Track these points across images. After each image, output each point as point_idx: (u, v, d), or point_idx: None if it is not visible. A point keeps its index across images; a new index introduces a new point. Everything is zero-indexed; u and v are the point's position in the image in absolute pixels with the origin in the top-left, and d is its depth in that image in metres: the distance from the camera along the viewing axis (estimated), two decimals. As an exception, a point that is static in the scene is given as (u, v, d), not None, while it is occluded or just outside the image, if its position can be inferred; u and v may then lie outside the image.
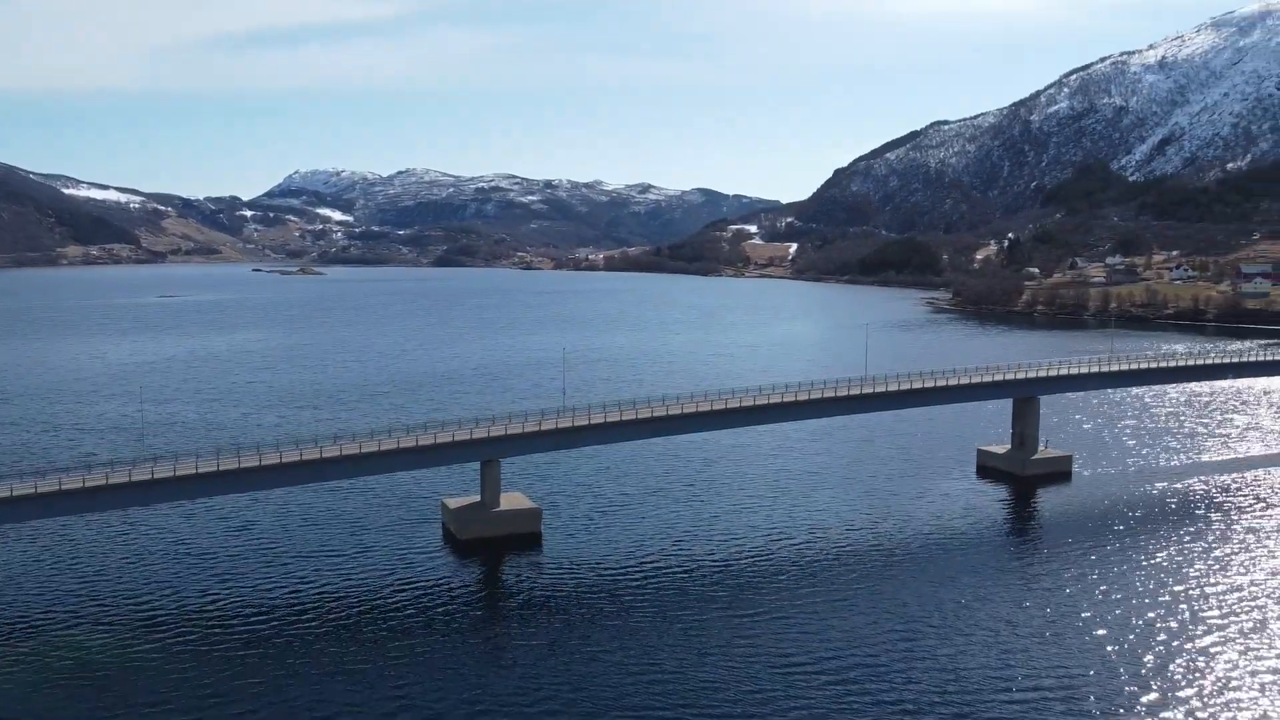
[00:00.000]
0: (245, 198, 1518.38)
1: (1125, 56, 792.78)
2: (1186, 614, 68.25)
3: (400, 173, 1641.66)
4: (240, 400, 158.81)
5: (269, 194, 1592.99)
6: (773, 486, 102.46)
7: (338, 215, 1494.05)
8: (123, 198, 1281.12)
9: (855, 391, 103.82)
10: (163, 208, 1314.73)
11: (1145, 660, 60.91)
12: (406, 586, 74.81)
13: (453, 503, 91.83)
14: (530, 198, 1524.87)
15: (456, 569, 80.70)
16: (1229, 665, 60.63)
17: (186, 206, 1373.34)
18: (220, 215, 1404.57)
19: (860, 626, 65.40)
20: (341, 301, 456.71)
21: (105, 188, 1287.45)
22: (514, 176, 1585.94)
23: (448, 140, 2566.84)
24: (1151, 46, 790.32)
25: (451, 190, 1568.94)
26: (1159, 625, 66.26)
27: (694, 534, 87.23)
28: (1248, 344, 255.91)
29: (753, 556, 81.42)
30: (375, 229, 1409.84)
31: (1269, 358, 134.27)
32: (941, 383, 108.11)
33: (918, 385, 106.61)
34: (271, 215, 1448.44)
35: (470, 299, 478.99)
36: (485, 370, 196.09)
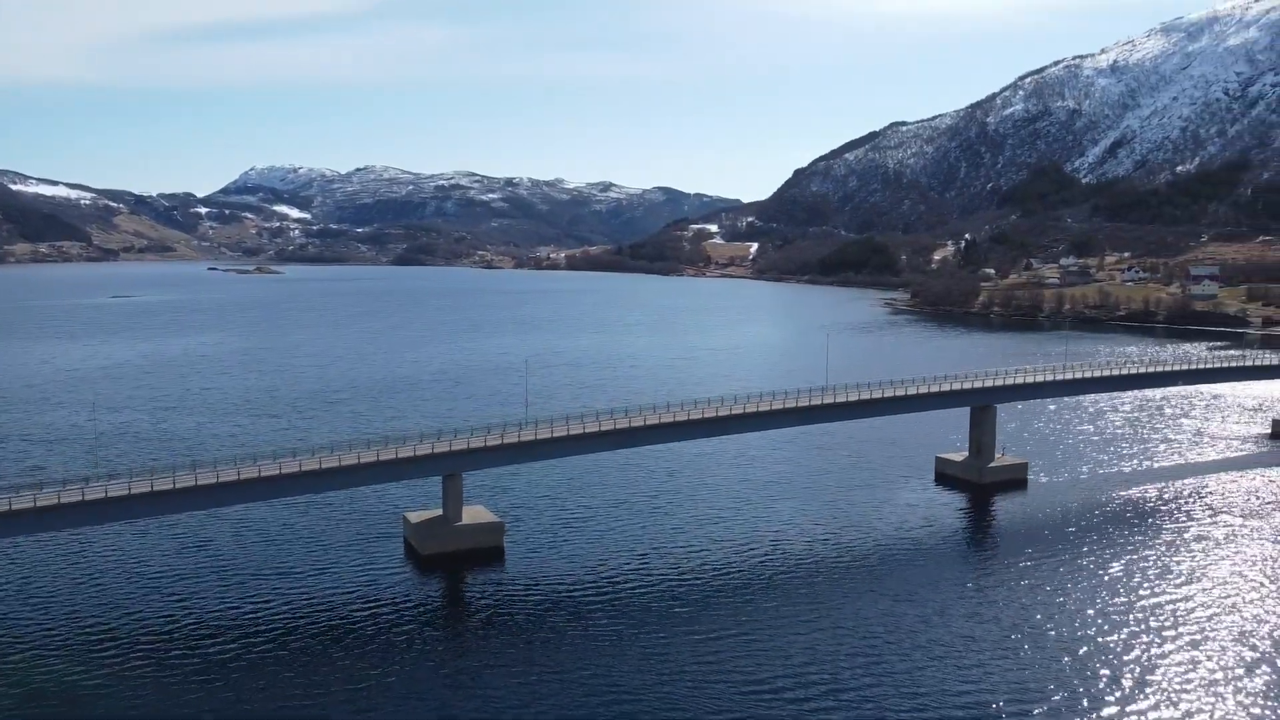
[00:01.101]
0: (200, 194, 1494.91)
1: (1078, 60, 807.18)
2: (1140, 625, 69.71)
3: (359, 170, 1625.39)
4: (196, 408, 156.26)
5: (225, 191, 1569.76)
6: (735, 497, 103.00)
7: (295, 213, 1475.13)
8: (73, 194, 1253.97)
9: (816, 402, 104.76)
10: (115, 204, 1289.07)
11: (1100, 674, 62.13)
12: (367, 605, 74.14)
13: (414, 517, 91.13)
14: (491, 196, 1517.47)
15: (418, 586, 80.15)
16: (1182, 675, 62.03)
17: (139, 203, 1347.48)
18: (174, 212, 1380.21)
19: (822, 643, 65.96)
20: (299, 302, 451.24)
21: (55, 184, 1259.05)
22: (474, 174, 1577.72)
23: (407, 137, 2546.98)
24: (1103, 50, 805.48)
25: (411, 188, 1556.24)
26: (1113, 638, 67.60)
27: (657, 547, 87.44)
28: (1196, 346, 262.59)
29: (716, 570, 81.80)
30: (334, 227, 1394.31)
31: (1216, 365, 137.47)
32: (900, 392, 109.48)
33: (877, 395, 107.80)
34: (227, 212, 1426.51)
35: (431, 300, 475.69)
36: (446, 375, 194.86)
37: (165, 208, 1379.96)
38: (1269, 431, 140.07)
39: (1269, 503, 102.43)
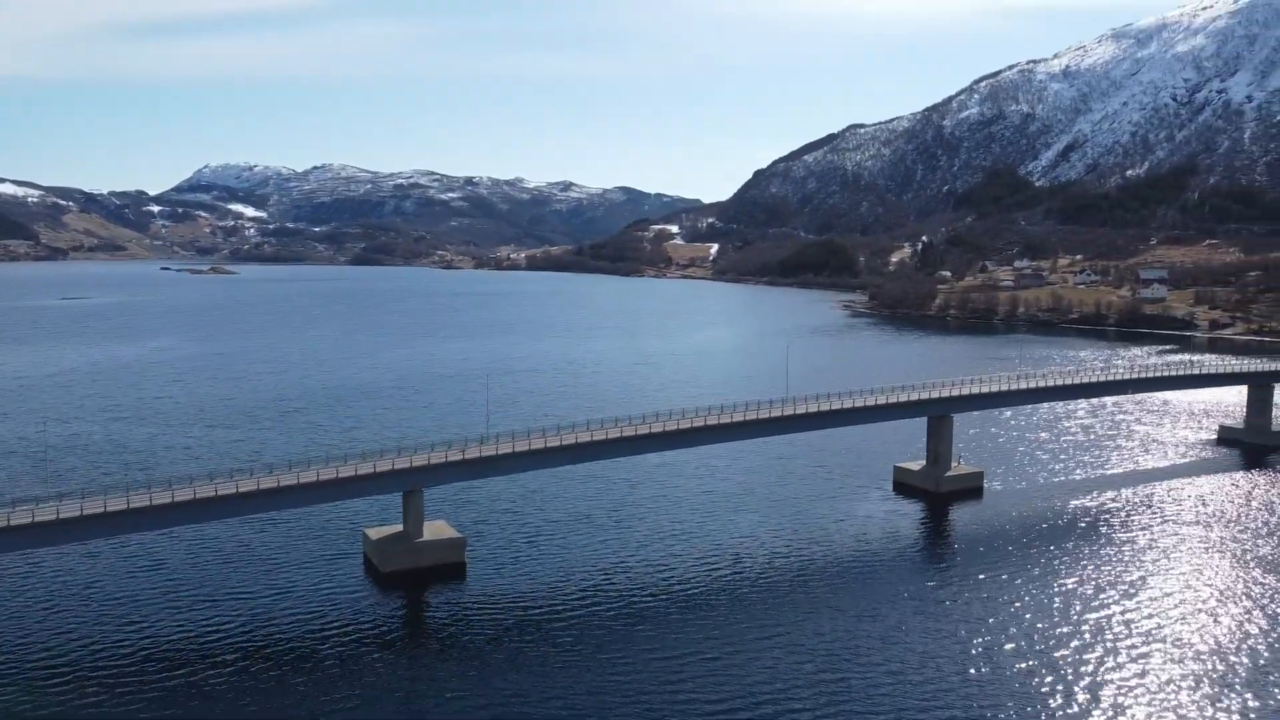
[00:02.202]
0: (153, 192, 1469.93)
1: (1032, 64, 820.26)
2: (1094, 638, 71.14)
3: (316, 168, 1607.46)
4: (149, 418, 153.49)
5: (178, 189, 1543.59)
6: (697, 509, 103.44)
7: (250, 211, 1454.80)
8: (19, 191, 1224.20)
9: (777, 414, 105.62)
10: (63, 202, 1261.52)
11: (1055, 690, 63.33)
12: (326, 626, 73.42)
13: (374, 533, 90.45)
14: (450, 195, 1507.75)
15: (378, 605, 79.46)
16: (1135, 688, 63.42)
17: (89, 201, 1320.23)
18: (126, 210, 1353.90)
19: (783, 663, 66.50)
20: (255, 305, 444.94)
21: (0, 181, 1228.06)
22: (433, 173, 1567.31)
23: (365, 135, 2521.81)
24: (1056, 55, 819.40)
25: (369, 186, 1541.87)
26: (1068, 652, 68.93)
27: (619, 562, 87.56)
28: (1145, 349, 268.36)
29: (678, 587, 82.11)
30: (290, 226, 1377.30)
31: (1164, 374, 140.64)
32: (860, 403, 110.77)
33: (837, 406, 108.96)
34: (180, 211, 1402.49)
35: (390, 302, 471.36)
36: (406, 383, 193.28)
37: (116, 206, 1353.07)
38: (1215, 437, 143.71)
39: (1215, 510, 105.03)
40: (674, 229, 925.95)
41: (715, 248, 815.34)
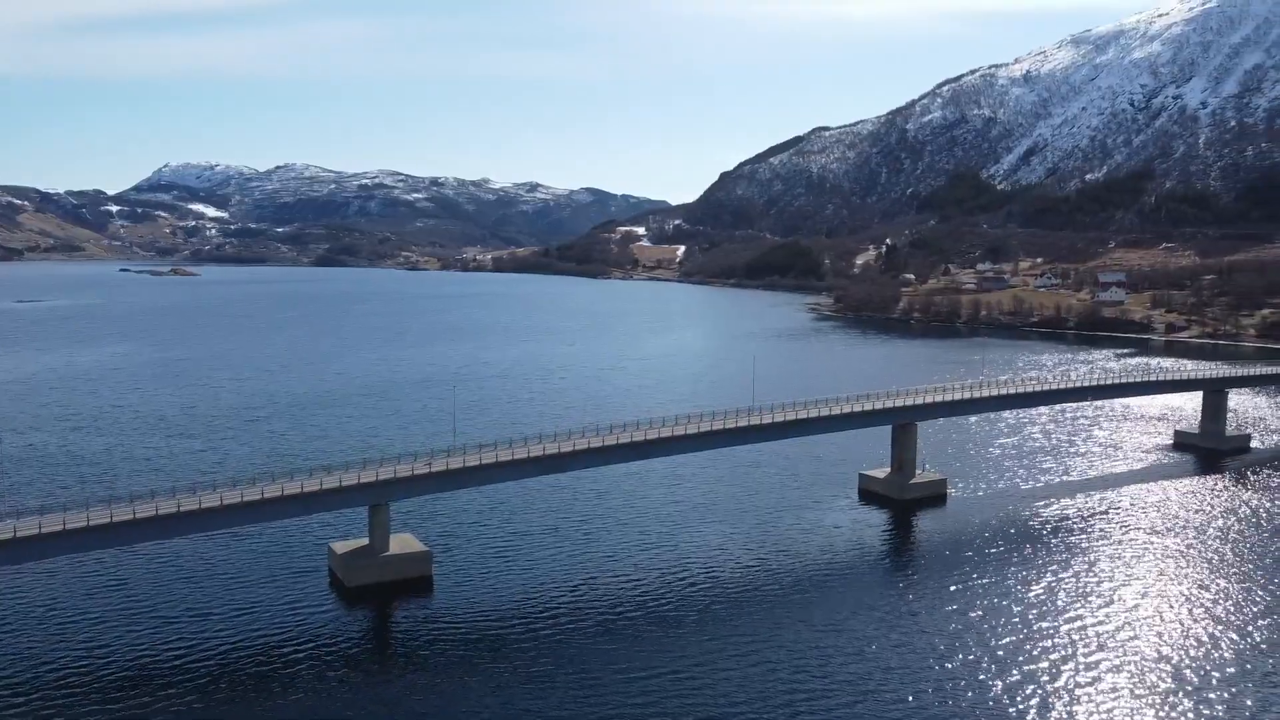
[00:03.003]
0: (111, 191, 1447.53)
1: (993, 69, 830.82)
2: (1056, 648, 72.26)
3: (279, 167, 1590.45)
4: (108, 428, 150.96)
5: (137, 188, 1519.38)
6: (665, 520, 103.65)
7: (212, 211, 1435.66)
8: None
9: (744, 423, 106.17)
10: (18, 201, 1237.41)
11: (1020, 701, 64.27)
12: (291, 644, 72.67)
13: (339, 547, 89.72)
14: (416, 195, 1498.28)
15: (343, 621, 78.81)
16: (1099, 696, 64.53)
17: (45, 200, 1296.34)
18: (83, 210, 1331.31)
19: (753, 680, 66.73)
20: (217, 308, 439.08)
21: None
22: (398, 173, 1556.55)
23: (329, 135, 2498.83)
24: (1017, 60, 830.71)
25: (333, 186, 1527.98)
26: (1031, 663, 69.99)
27: (587, 575, 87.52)
28: (1104, 353, 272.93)
29: (646, 601, 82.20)
30: (252, 226, 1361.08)
31: (1121, 381, 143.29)
32: (825, 412, 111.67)
33: (803, 415, 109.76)
34: (140, 211, 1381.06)
35: (355, 305, 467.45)
36: (371, 390, 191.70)
37: (73, 205, 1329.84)
38: (1171, 442, 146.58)
39: (1173, 516, 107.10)
40: (641, 230, 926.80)
41: (682, 249, 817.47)
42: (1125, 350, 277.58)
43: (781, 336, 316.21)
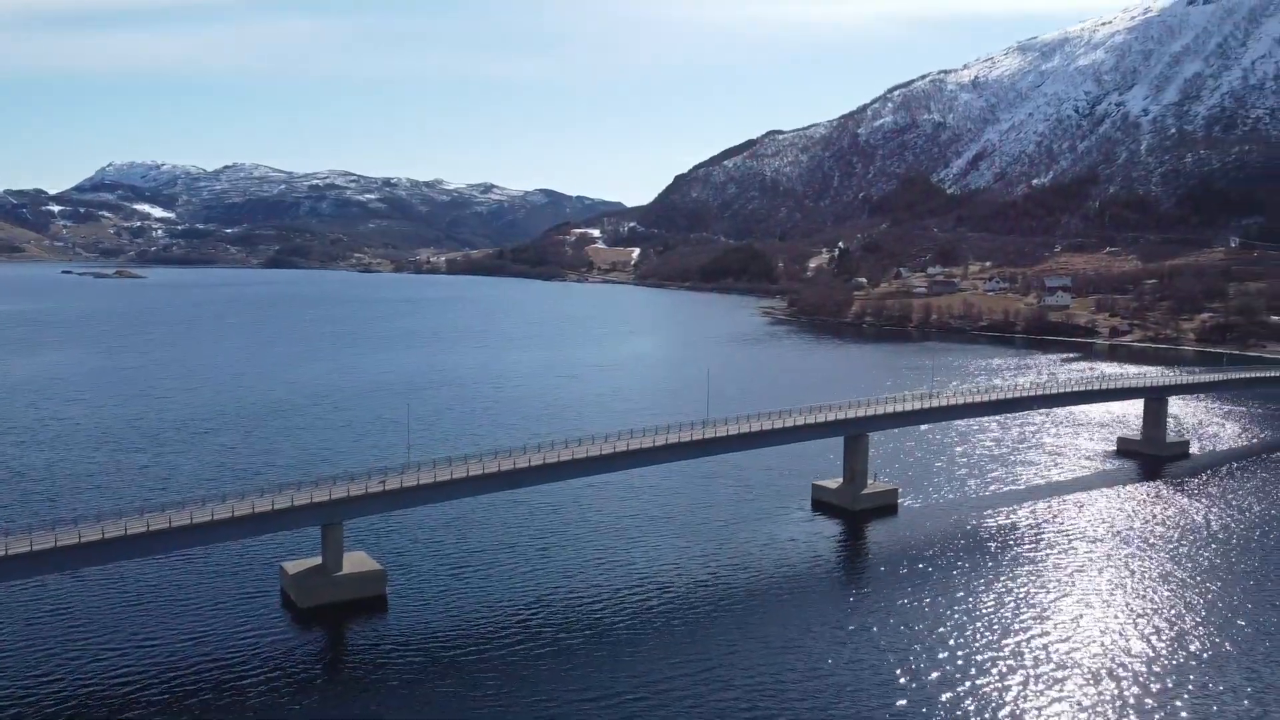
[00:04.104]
0: (53, 191, 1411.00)
1: (943, 75, 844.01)
2: (1005, 661, 73.85)
3: (227, 167, 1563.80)
4: (49, 442, 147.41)
5: (79, 188, 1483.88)
6: (621, 535, 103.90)
7: (158, 212, 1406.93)
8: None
9: (699, 436, 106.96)
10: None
11: (966, 716, 65.63)
12: (243, 667, 71.69)
13: (292, 567, 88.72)
14: (368, 196, 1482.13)
15: (297, 643, 77.93)
16: (1043, 705, 66.11)
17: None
18: (23, 210, 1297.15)
19: (708, 699, 67.34)
20: (163, 313, 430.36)
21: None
22: (350, 174, 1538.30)
23: (279, 134, 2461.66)
24: (966, 66, 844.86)
25: (284, 187, 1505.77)
26: (979, 674, 71.43)
27: (543, 594, 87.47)
28: (1051, 357, 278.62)
29: (602, 619, 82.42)
30: (200, 227, 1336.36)
31: (1066, 390, 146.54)
32: (779, 424, 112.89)
33: (756, 428, 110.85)
34: (83, 211, 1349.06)
35: (306, 310, 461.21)
36: (324, 399, 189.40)
37: (13, 205, 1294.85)
38: (1114, 449, 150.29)
39: (1114, 525, 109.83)
40: (596, 233, 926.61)
41: (637, 252, 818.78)
42: (1071, 355, 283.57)
43: (736, 341, 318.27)
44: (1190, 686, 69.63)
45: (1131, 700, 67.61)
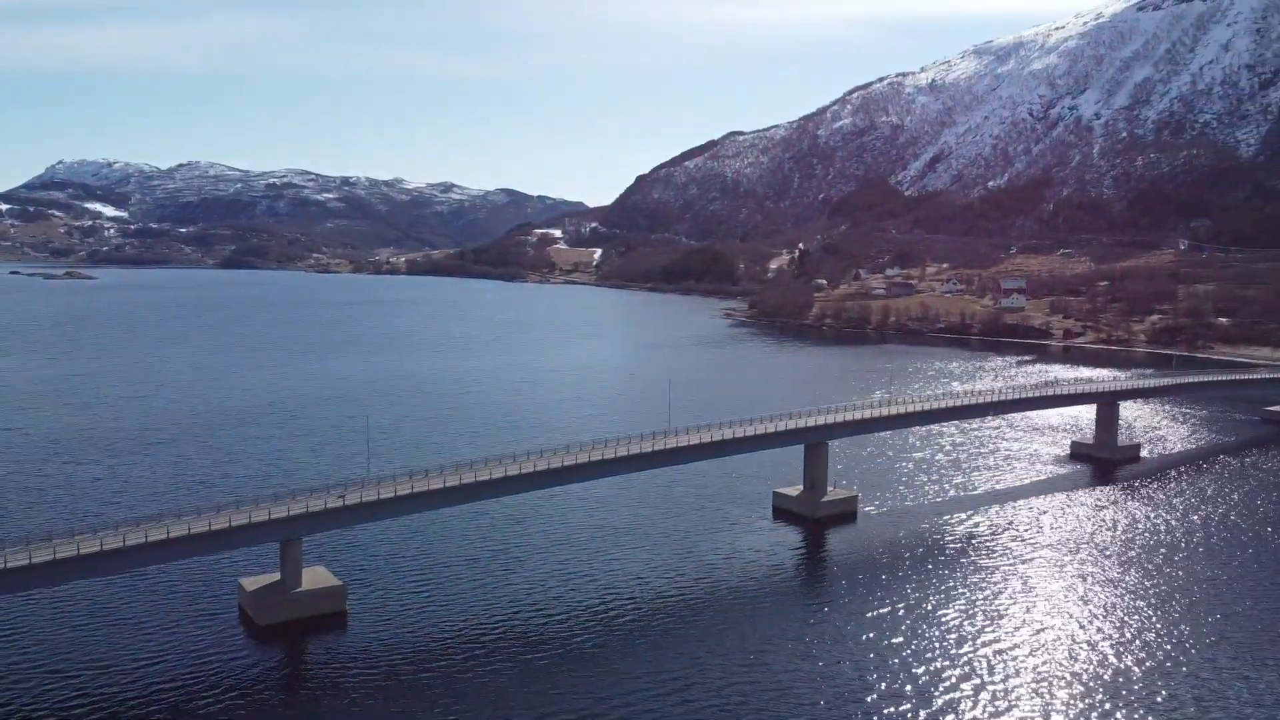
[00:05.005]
0: (0, 189, 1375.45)
1: (901, 77, 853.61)
2: (958, 668, 75.01)
3: (182, 165, 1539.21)
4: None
5: (28, 186, 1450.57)
6: (584, 547, 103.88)
7: (110, 210, 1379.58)
8: None
9: (660, 446, 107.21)
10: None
11: (921, 725, 66.61)
12: (200, 688, 70.62)
13: (249, 584, 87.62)
14: (326, 195, 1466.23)
15: (255, 661, 76.95)
16: (999, 709, 67.41)
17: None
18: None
19: (674, 718, 67.82)
20: (116, 316, 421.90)
21: None
22: (308, 173, 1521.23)
23: (236, 132, 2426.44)
24: (923, 69, 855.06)
25: (240, 186, 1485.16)
26: (934, 684, 72.48)
27: (505, 609, 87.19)
28: (1006, 359, 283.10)
29: (564, 634, 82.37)
30: (154, 226, 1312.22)
31: (1020, 396, 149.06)
32: (739, 433, 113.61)
33: (717, 438, 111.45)
34: (31, 209, 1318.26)
35: (263, 312, 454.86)
36: (281, 407, 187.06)
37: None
38: (1068, 453, 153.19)
39: (1068, 530, 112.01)
40: (557, 233, 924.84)
41: (599, 253, 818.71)
42: (1026, 357, 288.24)
43: (698, 344, 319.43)
44: (1140, 691, 71.22)
45: (1085, 705, 69.00)
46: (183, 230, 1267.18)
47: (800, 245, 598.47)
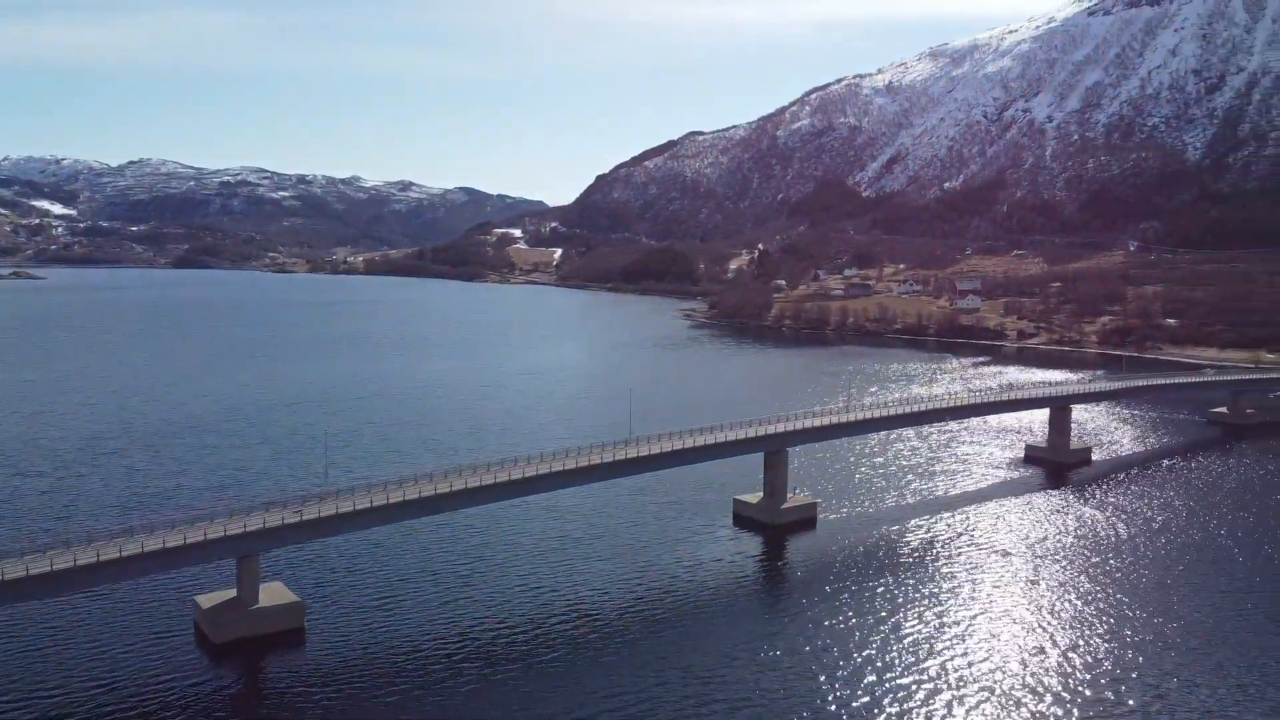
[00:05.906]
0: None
1: (858, 79, 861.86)
2: (916, 674, 76.09)
3: (133, 163, 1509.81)
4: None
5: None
6: (546, 559, 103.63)
7: (58, 208, 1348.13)
8: None
9: (622, 456, 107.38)
10: None
11: (880, 736, 67.46)
12: (151, 709, 69.34)
13: (205, 600, 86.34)
14: (282, 194, 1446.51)
15: (211, 681, 75.80)
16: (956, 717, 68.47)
17: None
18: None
19: (629, 725, 68.07)
20: (64, 318, 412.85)
21: None
22: (263, 170, 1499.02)
23: (188, 129, 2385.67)
24: (880, 71, 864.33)
25: (193, 184, 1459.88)
26: (894, 694, 73.47)
27: (468, 624, 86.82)
28: (963, 360, 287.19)
29: (528, 649, 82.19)
30: (104, 225, 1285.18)
31: (977, 401, 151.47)
32: (699, 441, 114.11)
33: (678, 446, 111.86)
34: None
35: (217, 315, 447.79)
36: (237, 414, 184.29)
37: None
38: (1022, 456, 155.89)
39: (1022, 534, 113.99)
40: (517, 233, 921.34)
41: (559, 253, 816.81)
42: (981, 358, 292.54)
43: (659, 347, 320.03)
44: (1091, 697, 72.76)
45: (1040, 710, 70.35)
46: (134, 229, 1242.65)
47: (760, 246, 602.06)
